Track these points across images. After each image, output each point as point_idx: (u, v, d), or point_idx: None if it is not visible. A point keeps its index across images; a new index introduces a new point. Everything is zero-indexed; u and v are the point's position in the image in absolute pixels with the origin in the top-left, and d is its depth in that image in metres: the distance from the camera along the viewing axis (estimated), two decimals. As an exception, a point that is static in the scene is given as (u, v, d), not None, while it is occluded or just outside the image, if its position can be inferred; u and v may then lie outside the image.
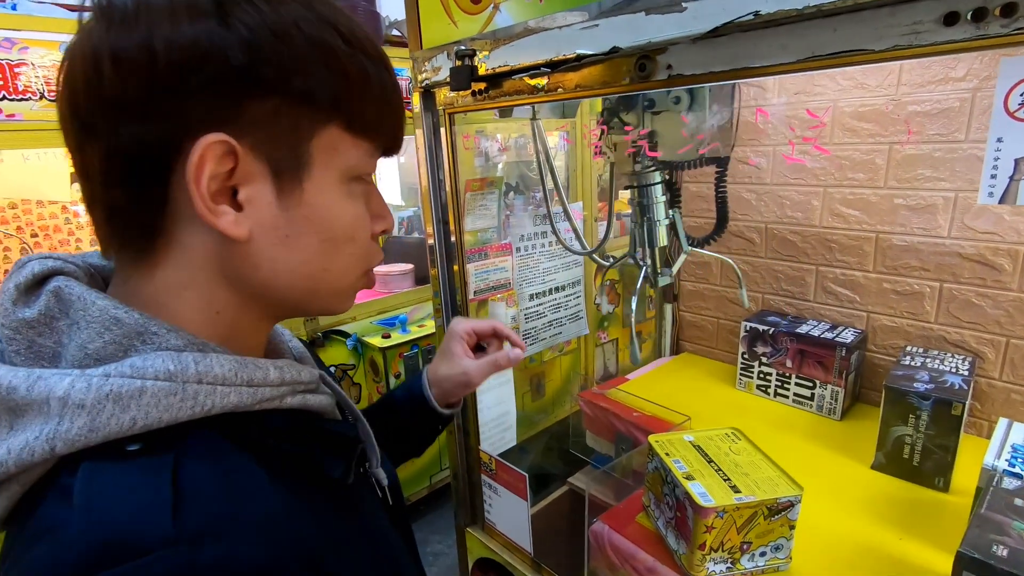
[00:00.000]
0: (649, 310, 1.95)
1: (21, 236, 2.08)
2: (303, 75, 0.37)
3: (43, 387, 0.33)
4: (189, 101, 0.35)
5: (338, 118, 0.40)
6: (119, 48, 0.34)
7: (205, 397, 0.36)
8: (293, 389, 0.43)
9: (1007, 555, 0.62)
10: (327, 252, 0.42)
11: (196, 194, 0.36)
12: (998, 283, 1.09)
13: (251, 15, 0.35)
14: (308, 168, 0.39)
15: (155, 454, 0.34)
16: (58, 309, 0.37)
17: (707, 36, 0.59)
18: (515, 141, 1.63)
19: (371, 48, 0.40)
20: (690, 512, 0.79)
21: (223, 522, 0.33)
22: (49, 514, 0.33)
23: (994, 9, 0.43)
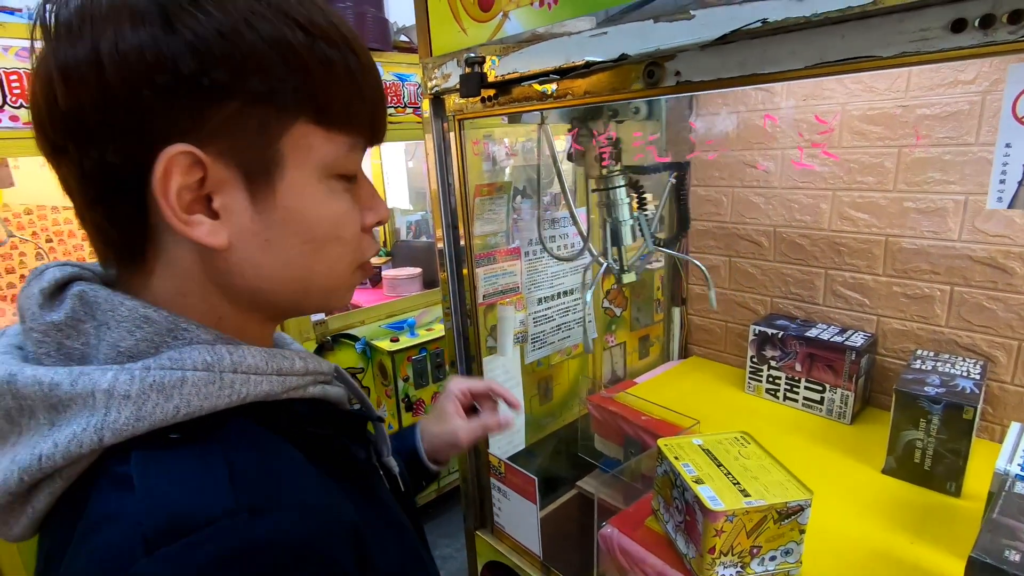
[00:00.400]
0: (657, 313, 1.95)
1: (36, 241, 2.11)
2: (259, 74, 0.35)
3: (87, 381, 0.34)
4: (145, 115, 0.34)
5: (305, 114, 0.38)
6: (66, 64, 0.33)
7: (241, 386, 0.37)
8: (315, 379, 0.44)
9: (1020, 560, 0.62)
10: (311, 253, 0.41)
11: (165, 207, 0.36)
12: (1010, 286, 1.09)
13: (197, 18, 0.34)
14: (280, 169, 0.38)
15: (199, 441, 0.36)
16: (84, 312, 0.37)
17: (716, 43, 0.59)
18: (523, 146, 1.64)
19: (334, 34, 0.38)
20: (700, 516, 0.79)
21: (274, 497, 0.35)
22: (106, 502, 0.33)
23: (1001, 16, 0.43)
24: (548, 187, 1.74)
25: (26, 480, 0.35)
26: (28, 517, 0.37)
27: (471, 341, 1.13)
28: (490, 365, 1.23)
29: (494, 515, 1.19)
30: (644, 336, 2.24)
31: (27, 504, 0.36)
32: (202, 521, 0.31)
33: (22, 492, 0.36)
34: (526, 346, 1.37)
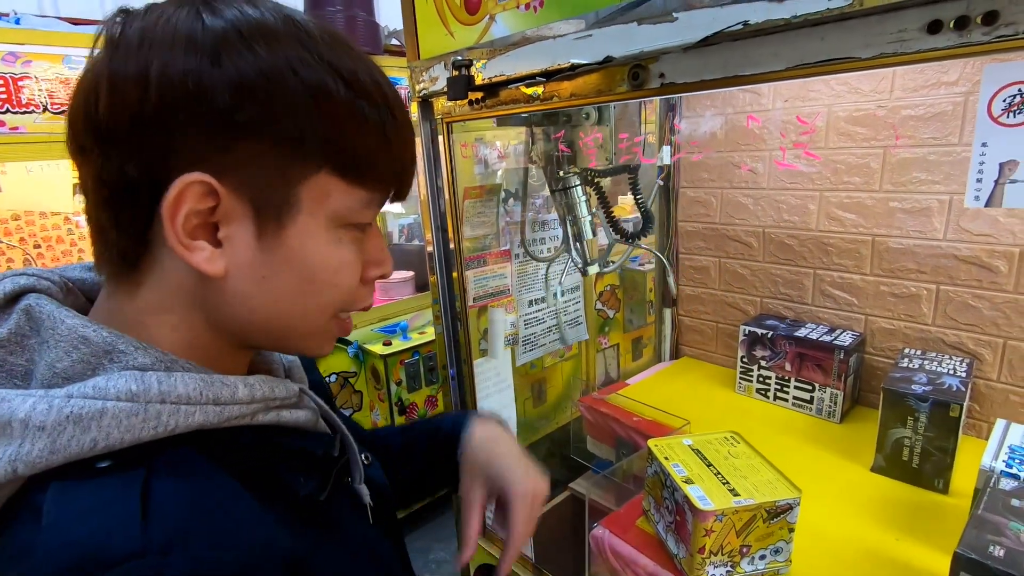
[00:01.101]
0: (650, 315, 1.95)
1: (24, 247, 2.10)
2: (292, 119, 0.36)
3: (6, 409, 0.33)
4: (174, 137, 0.35)
5: (329, 164, 0.39)
6: (115, 75, 0.35)
7: (168, 417, 0.36)
8: (266, 406, 0.42)
9: (1004, 555, 0.62)
10: (303, 295, 0.41)
11: (170, 230, 0.36)
12: (994, 284, 1.10)
13: (244, 57, 0.35)
14: (293, 213, 0.39)
15: (126, 470, 0.35)
16: (29, 328, 0.37)
17: (698, 45, 0.60)
18: (514, 148, 1.64)
19: (376, 93, 0.39)
20: (689, 516, 0.79)
21: (192, 530, 0.33)
22: (20, 535, 0.33)
23: (976, 18, 0.44)
24: (540, 190, 1.75)
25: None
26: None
27: (462, 344, 1.13)
28: (481, 368, 1.23)
29: (486, 518, 1.19)
30: (637, 337, 2.25)
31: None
32: (106, 564, 0.30)
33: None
34: (517, 348, 1.37)
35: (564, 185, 1.18)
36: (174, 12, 0.36)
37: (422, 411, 2.24)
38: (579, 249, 1.22)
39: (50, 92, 1.59)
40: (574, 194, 1.18)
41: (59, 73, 1.60)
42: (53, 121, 1.59)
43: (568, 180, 1.18)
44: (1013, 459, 0.81)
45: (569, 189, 1.18)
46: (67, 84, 1.61)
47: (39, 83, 1.57)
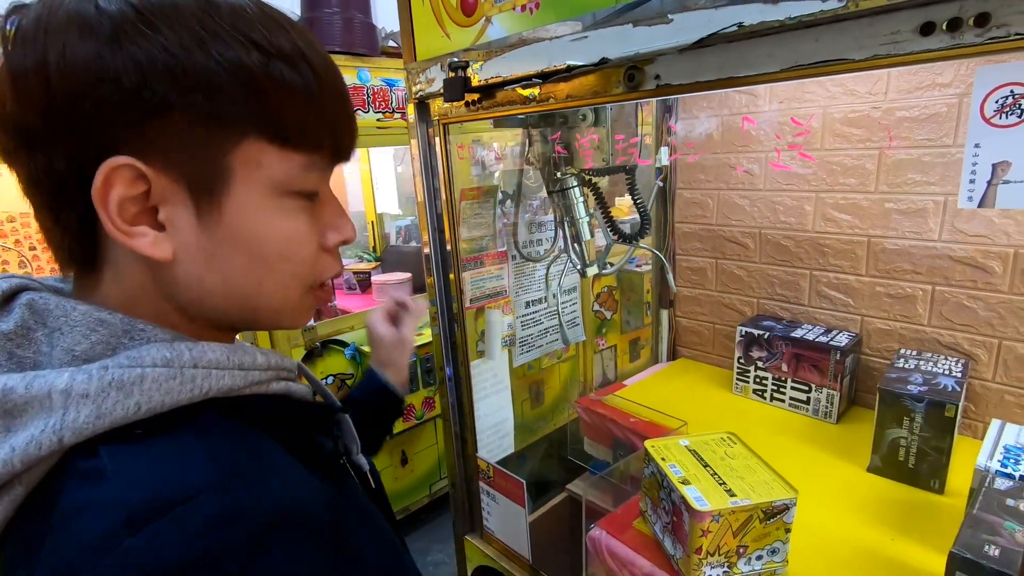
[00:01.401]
0: (647, 316, 1.95)
1: (19, 250, 2.09)
2: (204, 90, 0.36)
3: (42, 383, 0.34)
4: (88, 125, 0.34)
5: (256, 130, 0.38)
6: (16, 71, 0.34)
7: (202, 380, 0.38)
8: (278, 375, 0.44)
9: (999, 555, 0.62)
10: (257, 271, 0.41)
11: (104, 217, 0.36)
12: (989, 285, 1.10)
13: (145, 35, 0.34)
14: (227, 185, 0.38)
15: (167, 432, 0.36)
16: (34, 320, 0.37)
17: (693, 47, 0.60)
18: (511, 150, 1.64)
19: (295, 55, 0.38)
20: (686, 516, 0.79)
21: (248, 470, 0.36)
22: (78, 495, 0.33)
23: (968, 19, 0.44)
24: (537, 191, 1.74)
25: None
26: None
27: (459, 345, 1.13)
28: (478, 369, 1.23)
29: (483, 519, 1.19)
30: (635, 339, 2.25)
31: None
32: (184, 496, 0.32)
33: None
34: (514, 349, 1.37)
35: (561, 186, 1.18)
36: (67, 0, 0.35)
37: (419, 413, 2.23)
38: (577, 251, 1.22)
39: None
40: (571, 195, 1.18)
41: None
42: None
43: (565, 181, 1.18)
44: (1008, 459, 0.82)
45: (566, 190, 1.18)
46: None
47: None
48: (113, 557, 0.30)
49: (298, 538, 0.34)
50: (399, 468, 2.28)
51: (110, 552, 0.30)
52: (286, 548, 0.33)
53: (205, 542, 0.31)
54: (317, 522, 0.36)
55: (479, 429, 1.20)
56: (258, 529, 0.32)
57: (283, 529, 0.33)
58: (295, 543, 0.34)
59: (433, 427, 2.35)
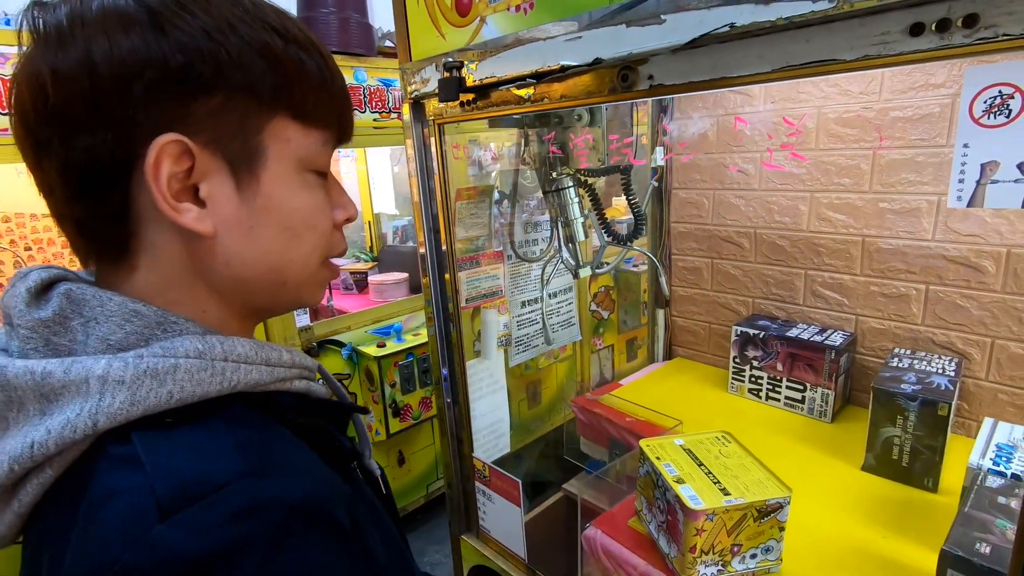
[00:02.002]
0: (644, 316, 1.96)
1: (15, 250, 2.08)
2: (242, 69, 0.38)
3: (80, 368, 0.35)
4: (136, 107, 0.36)
5: (283, 108, 0.41)
6: (58, 67, 0.35)
7: (232, 373, 0.39)
8: (301, 373, 0.45)
9: (990, 552, 0.63)
10: (289, 241, 0.43)
11: (157, 193, 0.37)
12: (982, 284, 1.11)
13: (184, 19, 0.36)
14: (263, 159, 0.41)
15: (197, 422, 0.37)
16: (71, 309, 0.38)
17: (686, 47, 0.60)
18: (508, 150, 1.64)
19: (304, 40, 0.42)
20: (680, 515, 0.79)
21: (276, 461, 0.37)
22: (111, 479, 0.34)
23: (956, 20, 0.44)
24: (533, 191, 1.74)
25: (16, 470, 0.34)
26: (13, 512, 0.37)
27: (455, 345, 1.13)
28: (474, 369, 1.23)
29: (479, 519, 1.19)
30: (631, 338, 2.25)
31: (13, 498, 0.36)
32: (213, 486, 0.33)
33: (9, 485, 0.36)
34: (510, 349, 1.37)
35: (557, 187, 1.18)
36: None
37: (416, 413, 2.23)
38: (571, 251, 1.23)
39: (41, 94, 1.58)
40: (566, 195, 1.19)
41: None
42: (44, 123, 1.58)
43: (561, 182, 1.18)
44: (1000, 457, 0.82)
45: (562, 191, 1.18)
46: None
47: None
48: (142, 542, 0.31)
49: (320, 532, 0.35)
50: (396, 468, 2.28)
51: (139, 537, 0.31)
52: (308, 540, 0.34)
53: (231, 531, 0.32)
54: (338, 518, 0.36)
55: (475, 429, 1.20)
56: (283, 520, 0.33)
57: (307, 522, 0.34)
58: (317, 536, 0.35)
59: (430, 427, 2.35)
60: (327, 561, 0.35)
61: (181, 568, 0.30)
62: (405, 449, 2.30)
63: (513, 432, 1.38)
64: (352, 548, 0.37)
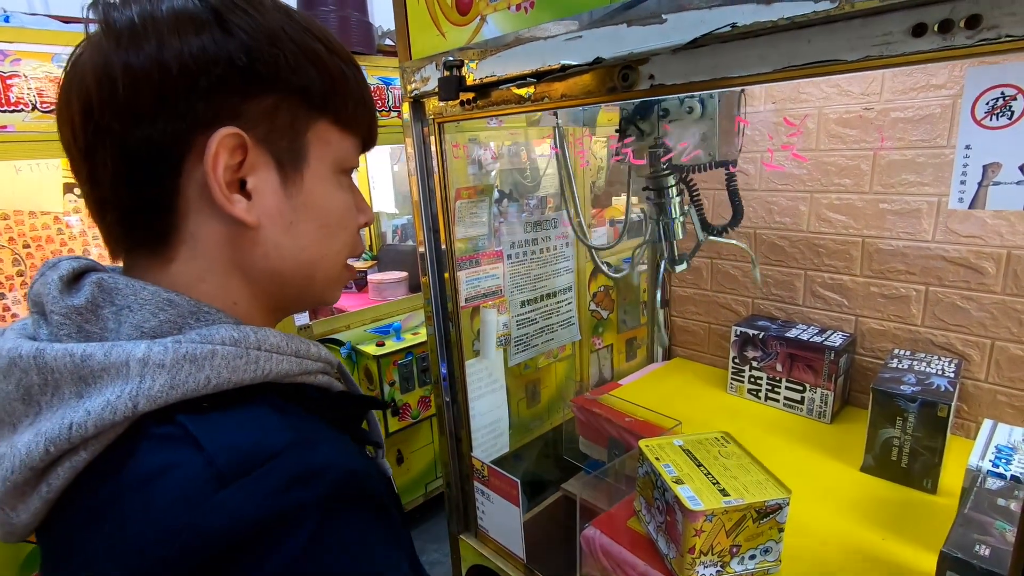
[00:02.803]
0: (643, 315, 1.96)
1: (13, 247, 2.08)
2: (296, 73, 0.41)
3: (121, 352, 0.36)
4: (199, 101, 0.38)
5: (327, 113, 0.44)
6: (131, 63, 0.37)
7: (264, 362, 0.40)
8: (324, 368, 0.47)
9: (989, 554, 0.63)
10: (324, 238, 0.46)
11: (214, 183, 0.39)
12: (982, 286, 1.11)
13: (246, 21, 0.39)
14: (306, 159, 0.43)
15: (234, 406, 0.38)
16: (102, 298, 0.39)
17: (687, 47, 0.60)
18: (508, 149, 1.64)
19: (344, 53, 0.45)
20: (679, 516, 0.79)
21: (319, 438, 0.39)
22: (159, 456, 0.35)
23: (959, 21, 0.44)
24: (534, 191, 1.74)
25: (52, 452, 0.35)
26: (41, 497, 0.37)
27: (454, 344, 1.13)
28: (473, 368, 1.23)
29: (478, 519, 1.19)
30: (631, 338, 2.25)
31: (42, 482, 0.36)
32: (269, 454, 0.35)
33: (40, 469, 0.36)
34: (509, 349, 1.37)
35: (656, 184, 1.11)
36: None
37: (415, 412, 2.23)
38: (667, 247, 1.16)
39: (39, 91, 1.57)
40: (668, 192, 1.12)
41: (49, 72, 1.58)
42: (42, 120, 1.58)
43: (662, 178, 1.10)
44: (1000, 459, 0.82)
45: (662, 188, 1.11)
46: (57, 83, 1.59)
47: (28, 81, 1.55)
48: (204, 509, 0.32)
49: (366, 503, 0.37)
50: (395, 467, 2.28)
51: (201, 505, 0.32)
52: (358, 508, 0.36)
53: (290, 495, 0.33)
54: (377, 495, 0.38)
55: (474, 428, 1.20)
56: (336, 487, 0.35)
57: (356, 492, 0.36)
58: (365, 506, 0.37)
59: (429, 426, 2.35)
60: (374, 529, 0.37)
61: (245, 529, 0.32)
62: (404, 448, 2.30)
63: (512, 431, 1.38)
64: (390, 523, 0.39)
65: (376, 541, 0.37)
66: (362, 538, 0.36)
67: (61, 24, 1.76)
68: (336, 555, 0.34)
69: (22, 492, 0.37)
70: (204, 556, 0.31)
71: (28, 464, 0.35)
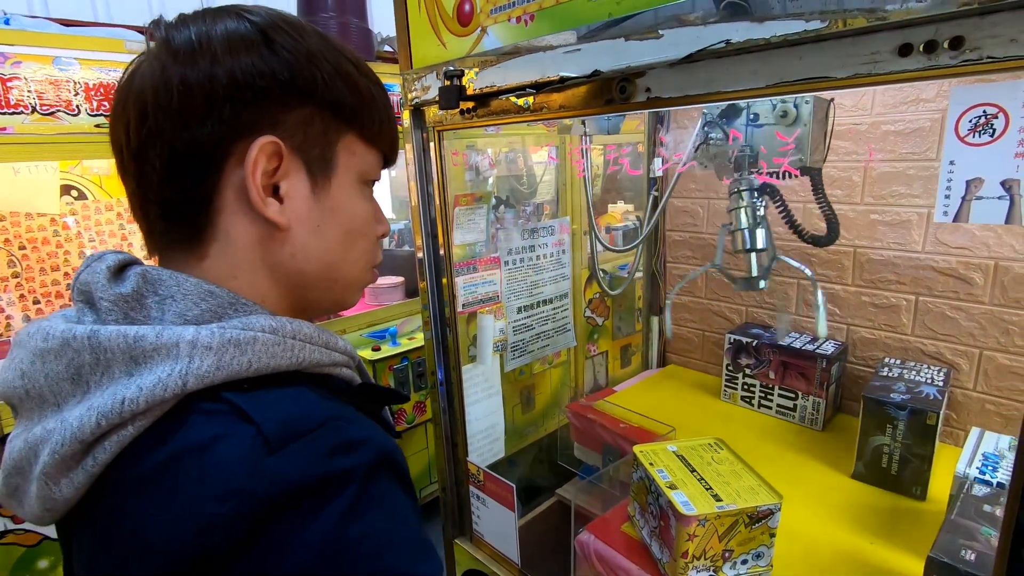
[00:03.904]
0: (638, 323, 1.97)
1: (9, 249, 2.07)
2: (330, 89, 0.45)
3: (171, 334, 0.38)
4: (244, 110, 0.42)
5: (355, 127, 0.47)
6: (187, 77, 0.41)
7: (299, 351, 0.43)
8: (348, 363, 0.49)
9: (975, 559, 0.64)
10: (347, 243, 0.49)
11: (252, 186, 0.42)
12: (971, 296, 1.13)
13: (289, 42, 0.43)
14: (335, 168, 0.47)
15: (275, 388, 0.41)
16: (147, 288, 0.42)
17: (683, 62, 0.62)
18: (505, 156, 1.66)
19: (371, 74, 0.49)
20: (673, 521, 0.80)
21: (354, 416, 0.41)
22: (209, 428, 0.37)
23: (943, 42, 0.46)
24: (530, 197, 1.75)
25: (103, 425, 0.37)
26: (86, 471, 0.38)
27: (451, 350, 1.14)
28: (470, 373, 1.23)
29: (473, 523, 1.19)
30: (626, 345, 2.26)
31: (88, 456, 0.38)
32: (314, 424, 0.38)
33: (89, 442, 0.38)
34: (505, 354, 1.38)
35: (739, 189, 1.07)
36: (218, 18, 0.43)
37: (410, 417, 2.23)
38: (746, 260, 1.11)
39: (39, 93, 1.58)
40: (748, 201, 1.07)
41: (49, 74, 1.59)
42: (41, 122, 1.58)
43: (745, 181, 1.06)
44: (987, 466, 0.84)
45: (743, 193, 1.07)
46: (57, 85, 1.60)
47: (28, 84, 1.56)
48: (254, 474, 0.35)
49: (396, 478, 0.40)
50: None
51: (251, 470, 0.35)
52: (394, 481, 0.39)
53: (332, 463, 0.36)
54: (404, 469, 0.42)
55: (470, 433, 1.21)
56: (375, 459, 0.38)
57: (391, 465, 0.40)
58: (395, 481, 0.40)
59: (424, 431, 2.35)
60: (405, 500, 0.40)
61: (292, 492, 0.35)
62: (399, 453, 2.30)
63: (507, 436, 1.39)
64: (414, 499, 0.42)
65: (406, 510, 0.40)
66: (396, 505, 0.39)
67: (62, 27, 1.77)
68: (373, 519, 0.37)
69: (68, 466, 0.38)
70: (254, 517, 0.34)
71: (79, 437, 0.37)
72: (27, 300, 2.00)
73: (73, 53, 1.62)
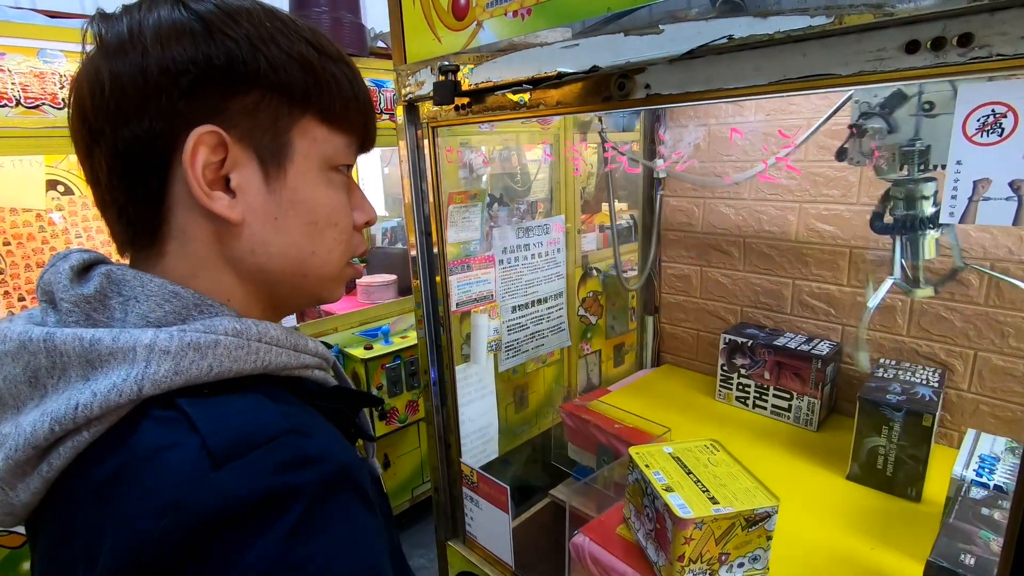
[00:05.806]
0: (632, 322, 1.96)
1: (-7, 245, 2.03)
2: (277, 72, 0.42)
3: (128, 337, 0.37)
4: (180, 100, 0.39)
5: (312, 110, 0.44)
6: (116, 70, 0.39)
7: (264, 354, 0.41)
8: (320, 363, 0.48)
9: (974, 564, 0.63)
10: (312, 235, 0.46)
11: (192, 179, 0.40)
12: (966, 297, 1.13)
13: (231, 27, 0.41)
14: (290, 155, 0.44)
15: (234, 394, 0.39)
16: (110, 289, 0.40)
17: (683, 58, 0.60)
18: (499, 154, 1.64)
19: (334, 53, 0.46)
20: (669, 523, 0.79)
21: (314, 428, 0.40)
22: (159, 436, 0.36)
23: (952, 39, 0.45)
24: (524, 195, 1.74)
25: (56, 431, 0.36)
26: (42, 477, 0.37)
27: (444, 349, 1.12)
28: (463, 373, 1.22)
29: (466, 525, 1.18)
30: (619, 344, 2.26)
31: (43, 462, 0.37)
32: (266, 437, 0.36)
33: (43, 448, 0.37)
34: (499, 354, 1.37)
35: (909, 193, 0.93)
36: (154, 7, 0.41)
37: (403, 416, 2.22)
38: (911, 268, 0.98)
39: (24, 86, 1.54)
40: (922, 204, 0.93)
41: (34, 67, 1.55)
42: (26, 116, 1.55)
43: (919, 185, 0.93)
44: (983, 468, 0.83)
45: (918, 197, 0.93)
46: (42, 78, 1.57)
47: (12, 76, 1.52)
48: (195, 488, 0.33)
49: (354, 496, 0.38)
50: (382, 471, 2.26)
51: (192, 484, 0.33)
52: (348, 499, 0.37)
53: (281, 478, 0.34)
54: (363, 486, 0.39)
55: (463, 434, 1.20)
56: (328, 476, 0.36)
57: (346, 483, 0.37)
58: (354, 497, 0.38)
59: (416, 431, 2.33)
60: (360, 520, 0.38)
61: (234, 508, 0.33)
62: (391, 452, 2.28)
63: (500, 436, 1.37)
64: (375, 517, 0.40)
65: (361, 532, 0.38)
66: (349, 527, 0.36)
67: (47, 19, 1.73)
68: (322, 541, 0.34)
69: (23, 471, 0.37)
70: (190, 533, 0.32)
71: (32, 443, 0.36)
72: (11, 297, 1.96)
73: (58, 45, 1.58)
